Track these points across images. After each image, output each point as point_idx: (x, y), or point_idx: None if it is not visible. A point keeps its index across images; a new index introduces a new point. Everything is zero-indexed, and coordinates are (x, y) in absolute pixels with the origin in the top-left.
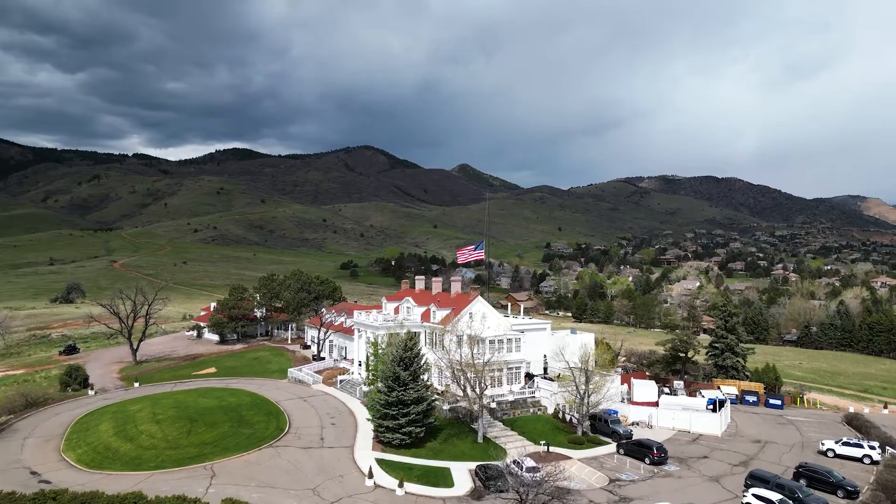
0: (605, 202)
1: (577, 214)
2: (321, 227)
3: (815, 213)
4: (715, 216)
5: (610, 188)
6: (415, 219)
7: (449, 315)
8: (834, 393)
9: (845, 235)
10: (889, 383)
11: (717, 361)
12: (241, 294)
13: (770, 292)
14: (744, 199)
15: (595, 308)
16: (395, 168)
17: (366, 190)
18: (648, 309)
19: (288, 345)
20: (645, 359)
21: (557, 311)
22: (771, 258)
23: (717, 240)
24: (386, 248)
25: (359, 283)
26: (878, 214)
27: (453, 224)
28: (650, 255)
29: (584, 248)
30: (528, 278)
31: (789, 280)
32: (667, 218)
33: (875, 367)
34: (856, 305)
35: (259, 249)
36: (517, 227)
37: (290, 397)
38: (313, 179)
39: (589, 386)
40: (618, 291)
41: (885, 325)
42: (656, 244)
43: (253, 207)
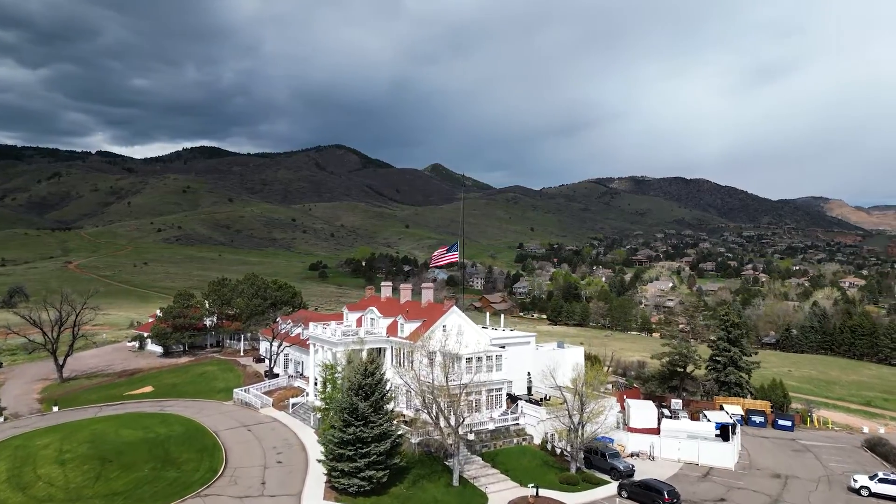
0: (576, 203)
1: (549, 215)
2: (290, 226)
3: (781, 214)
4: (684, 217)
5: (581, 189)
6: (387, 219)
7: (419, 329)
8: (840, 408)
9: (810, 236)
10: (888, 393)
11: (720, 377)
12: (188, 301)
13: (743, 293)
14: (712, 199)
15: (570, 310)
16: (367, 167)
17: (337, 189)
18: (625, 311)
19: (240, 357)
20: (632, 370)
21: (532, 313)
22: (740, 258)
23: (687, 240)
24: (357, 249)
25: (328, 285)
26: (841, 215)
27: (426, 224)
28: (622, 255)
29: (556, 248)
30: (501, 279)
31: (760, 280)
32: (637, 218)
33: (863, 373)
34: (828, 306)
35: (225, 250)
36: (490, 227)
37: (232, 425)
38: (283, 178)
39: (584, 413)
40: (592, 292)
41: (866, 329)
42: (627, 244)
43: (220, 207)
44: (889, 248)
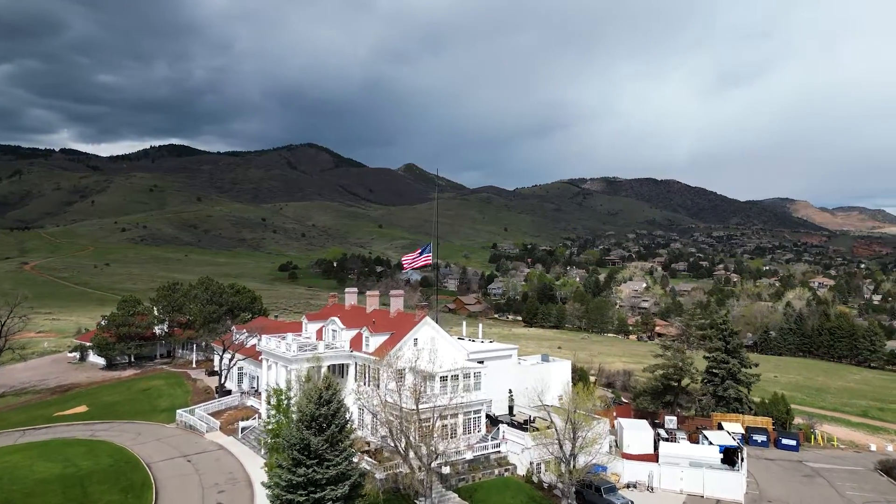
0: (549, 203)
1: (522, 215)
2: (260, 226)
3: (749, 215)
4: (655, 217)
5: (554, 189)
6: (359, 218)
7: (386, 343)
8: (838, 421)
9: (777, 236)
10: (880, 401)
11: (717, 391)
12: (134, 307)
13: (717, 293)
14: (682, 200)
15: (546, 312)
16: (340, 167)
17: (309, 189)
18: (602, 313)
19: (192, 370)
20: (618, 380)
21: (507, 315)
22: (711, 259)
23: (658, 240)
24: (328, 249)
25: (298, 286)
26: (806, 216)
27: (399, 224)
28: (595, 255)
29: (530, 248)
30: (475, 280)
31: (731, 280)
32: (609, 219)
33: (848, 377)
34: (801, 306)
35: (192, 250)
36: (463, 227)
37: (170, 455)
38: (254, 177)
39: (576, 442)
40: (568, 293)
41: (845, 331)
42: (600, 244)
43: (188, 206)
44: (854, 249)
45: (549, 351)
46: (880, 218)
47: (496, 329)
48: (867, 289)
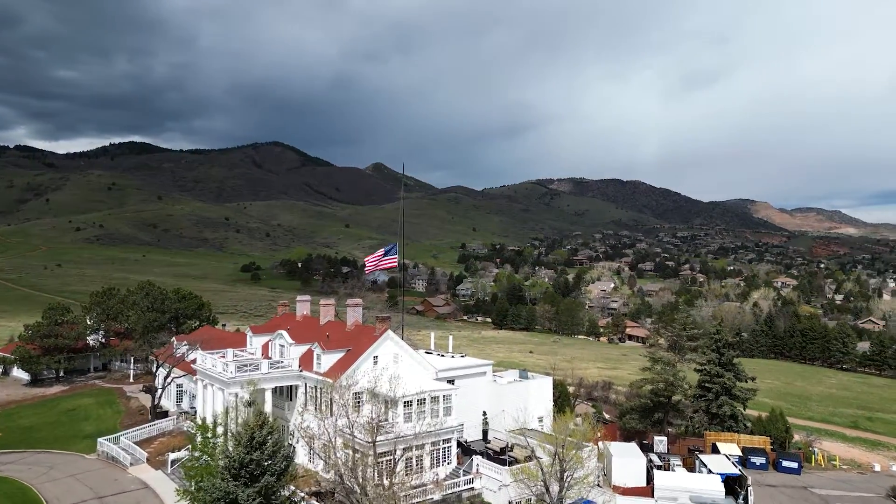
0: (517, 203)
1: (490, 215)
2: (223, 226)
3: (712, 216)
4: (621, 217)
5: (522, 189)
6: (326, 218)
7: (341, 361)
8: (832, 435)
9: (739, 237)
10: (867, 409)
11: (710, 408)
12: (62, 316)
13: (685, 294)
14: (647, 201)
15: (516, 314)
16: (307, 165)
17: (274, 187)
18: (572, 314)
19: (128, 385)
20: (596, 390)
21: (476, 317)
22: (677, 259)
23: (625, 240)
24: (293, 249)
25: (261, 287)
26: (766, 217)
27: (367, 224)
28: (563, 255)
29: (498, 248)
30: (444, 281)
31: (697, 280)
32: (576, 219)
33: (826, 382)
34: (767, 306)
35: (151, 250)
36: (432, 227)
37: (82, 497)
38: (217, 176)
39: (564, 482)
40: (537, 294)
41: (817, 333)
42: (567, 244)
43: (148, 205)
44: (813, 249)
45: (520, 356)
46: (837, 219)
47: (465, 332)
48: (829, 288)
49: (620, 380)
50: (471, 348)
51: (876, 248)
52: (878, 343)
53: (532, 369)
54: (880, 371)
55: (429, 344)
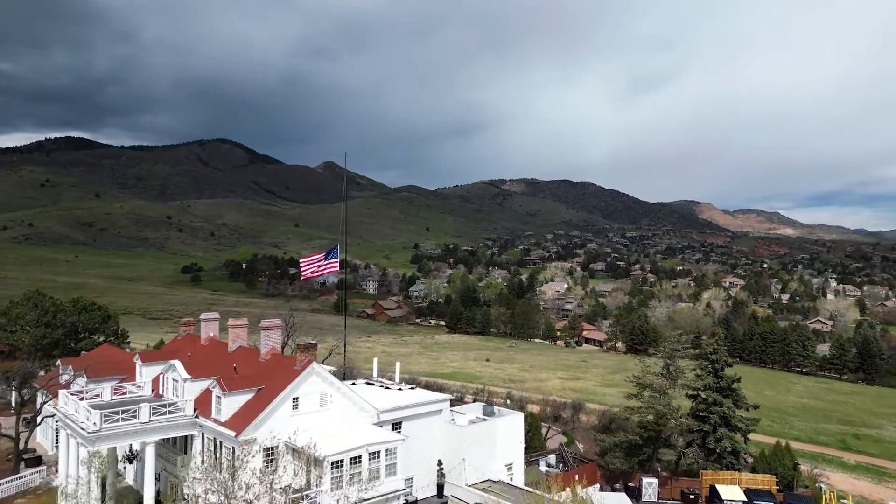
0: (470, 203)
1: (444, 215)
2: (165, 225)
3: (659, 216)
4: (571, 218)
5: (475, 189)
6: (274, 217)
7: (249, 405)
8: (831, 462)
9: (686, 237)
10: (849, 424)
11: (707, 442)
12: None
13: (638, 294)
14: (596, 202)
15: (471, 317)
16: (255, 163)
17: (220, 185)
18: (528, 317)
19: (8, 415)
20: (564, 411)
21: (429, 319)
22: (627, 259)
23: (576, 240)
24: (238, 249)
25: (201, 290)
26: (710, 218)
27: (317, 223)
28: (516, 255)
29: (452, 248)
30: (396, 282)
31: (648, 280)
32: (528, 219)
33: (793, 388)
34: (718, 307)
35: (85, 250)
36: (385, 227)
37: None
38: (160, 173)
39: None
40: (492, 295)
41: (778, 336)
42: (520, 245)
43: (84, 202)
44: (755, 249)
45: (476, 365)
46: (776, 220)
47: (418, 336)
48: (775, 288)
49: (586, 393)
50: (424, 356)
51: (814, 248)
52: (839, 346)
53: (491, 382)
54: (840, 375)
55: (374, 368)
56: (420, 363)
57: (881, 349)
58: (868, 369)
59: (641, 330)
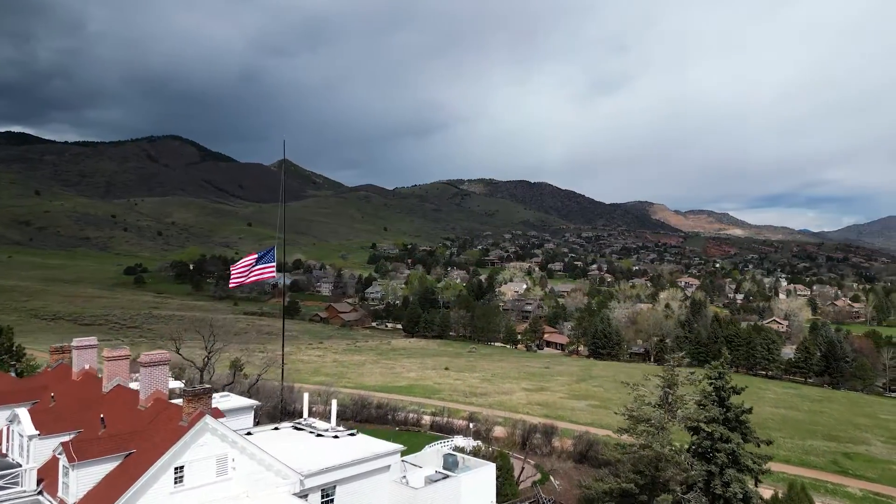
0: (429, 203)
1: (402, 214)
2: (109, 223)
3: (613, 217)
4: (529, 218)
5: (433, 189)
6: (226, 216)
7: (112, 480)
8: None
9: (640, 237)
10: (836, 440)
11: (713, 487)
12: None
13: (597, 295)
14: (553, 202)
15: (429, 320)
16: (207, 161)
17: (170, 183)
18: (489, 320)
19: None
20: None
21: (386, 323)
22: (584, 259)
23: (533, 241)
24: (187, 249)
25: (144, 292)
26: (663, 218)
27: (270, 222)
28: (475, 255)
29: (410, 248)
30: (352, 284)
31: (605, 280)
32: (486, 219)
33: (766, 397)
34: (676, 307)
35: (19, 250)
36: (342, 226)
37: None
38: (106, 170)
39: None
40: (451, 297)
41: (742, 339)
42: (479, 245)
43: (22, 200)
44: (707, 249)
45: (435, 376)
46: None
47: (373, 341)
48: (729, 288)
49: (553, 408)
50: (378, 366)
51: (762, 248)
52: (804, 350)
53: (451, 397)
54: (805, 379)
55: (304, 406)
56: (374, 374)
57: (845, 352)
58: (833, 373)
59: (604, 333)
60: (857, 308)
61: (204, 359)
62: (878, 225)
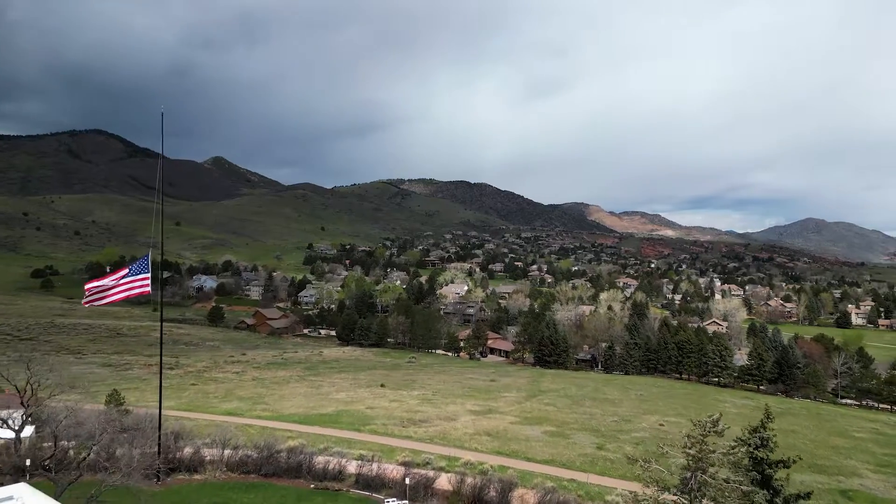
0: (369, 202)
1: (340, 214)
2: (20, 222)
3: (551, 218)
4: (469, 219)
5: (373, 189)
6: (152, 214)
7: None
8: None
9: (577, 238)
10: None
11: None
12: None
13: (539, 297)
14: (493, 203)
15: (365, 327)
16: (134, 157)
17: (92, 180)
18: (429, 327)
19: None
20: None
21: (320, 329)
22: (524, 259)
23: (473, 241)
24: (104, 250)
25: (53, 298)
26: (599, 219)
27: (201, 221)
28: (416, 255)
29: (348, 249)
30: (284, 286)
31: (546, 281)
32: (427, 219)
33: (729, 413)
34: (619, 309)
35: None
36: (277, 226)
37: None
38: (21, 165)
39: None
40: (389, 300)
41: (694, 346)
42: (419, 245)
43: None
44: (642, 249)
45: (368, 396)
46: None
47: (303, 352)
48: (667, 288)
49: (504, 439)
50: (304, 384)
51: (693, 248)
52: (757, 356)
53: (385, 429)
54: (758, 386)
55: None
56: (296, 397)
57: (797, 358)
58: (787, 380)
59: (551, 340)
60: (790, 308)
61: (26, 399)
62: (797, 226)
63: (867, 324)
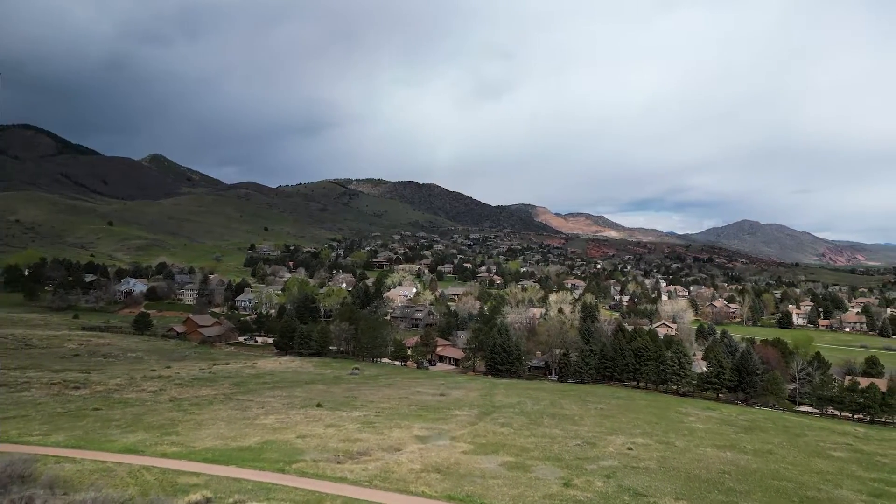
0: (314, 202)
1: (284, 214)
2: None
3: (499, 219)
4: (418, 219)
5: (320, 188)
6: (84, 213)
7: None
8: None
9: (525, 239)
10: None
11: None
12: None
13: (489, 299)
14: (441, 203)
15: (306, 334)
16: (66, 153)
17: (19, 177)
18: (374, 334)
19: None
20: None
21: (256, 337)
22: (473, 260)
23: (422, 241)
24: (26, 251)
25: None
26: (545, 221)
27: (137, 221)
28: (362, 257)
29: (292, 250)
30: (220, 290)
31: (495, 282)
32: (375, 220)
33: (696, 429)
34: (569, 311)
35: None
36: (218, 226)
37: None
38: None
39: None
40: (333, 305)
41: (651, 353)
42: (367, 246)
43: None
44: (588, 251)
45: (301, 423)
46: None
47: (236, 364)
48: (614, 289)
49: (457, 476)
50: (227, 407)
51: (636, 249)
52: (717, 364)
53: (314, 468)
54: (717, 395)
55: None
56: (217, 422)
57: (756, 364)
58: (747, 388)
59: (503, 347)
60: (734, 308)
61: None
62: (733, 228)
63: (808, 324)
